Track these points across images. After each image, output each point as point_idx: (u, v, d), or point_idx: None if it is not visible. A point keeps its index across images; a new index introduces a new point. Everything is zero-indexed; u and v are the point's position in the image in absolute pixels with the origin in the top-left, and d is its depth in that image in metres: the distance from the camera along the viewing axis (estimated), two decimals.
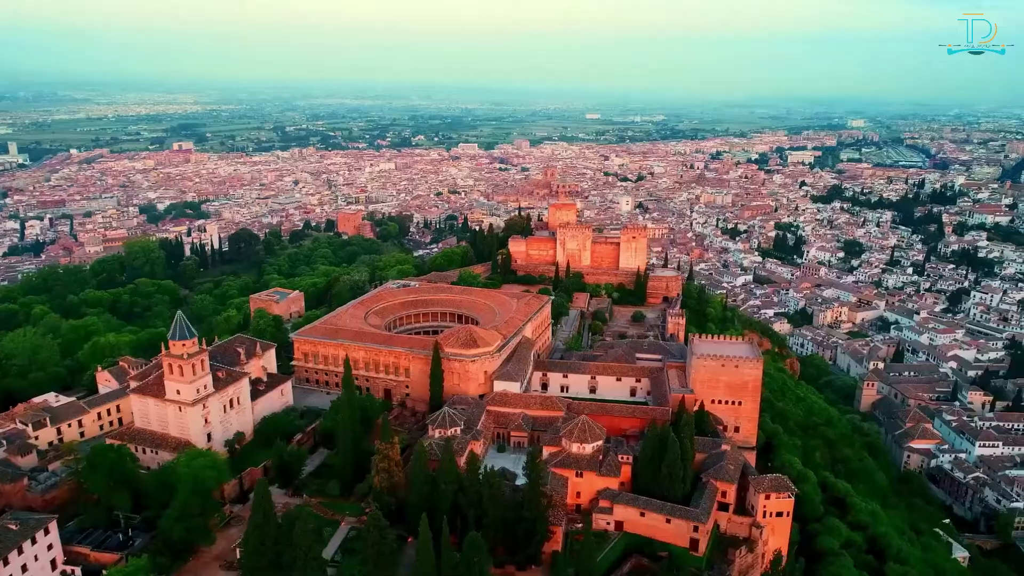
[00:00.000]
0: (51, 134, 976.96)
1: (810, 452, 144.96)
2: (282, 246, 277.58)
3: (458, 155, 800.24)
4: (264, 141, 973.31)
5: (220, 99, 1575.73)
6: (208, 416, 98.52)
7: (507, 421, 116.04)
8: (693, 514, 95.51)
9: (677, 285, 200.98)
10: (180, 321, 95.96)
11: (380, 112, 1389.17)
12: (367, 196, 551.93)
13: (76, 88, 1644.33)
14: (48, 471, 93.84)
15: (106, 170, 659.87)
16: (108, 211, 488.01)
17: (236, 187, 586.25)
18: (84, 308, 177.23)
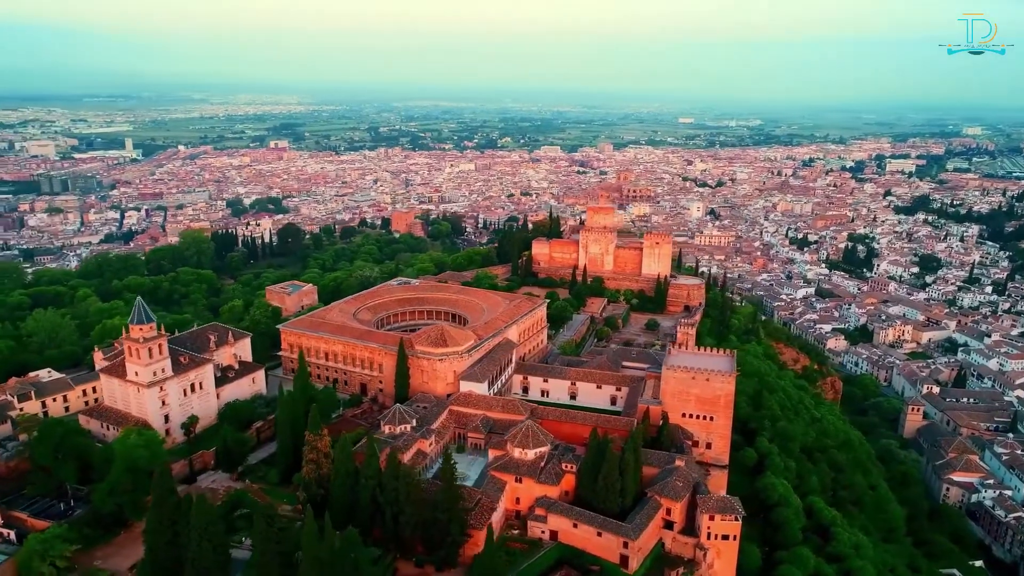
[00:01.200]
0: (166, 131, 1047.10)
1: (807, 476, 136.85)
2: (332, 241, 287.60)
3: (539, 157, 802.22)
4: (356, 141, 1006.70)
5: (322, 100, 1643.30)
6: (166, 399, 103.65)
7: (467, 422, 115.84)
8: (623, 529, 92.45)
9: (699, 294, 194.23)
10: (139, 306, 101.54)
11: (472, 114, 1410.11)
12: (440, 195, 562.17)
13: (194, 89, 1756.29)
14: (18, 441, 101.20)
15: (206, 166, 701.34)
16: (198, 204, 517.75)
17: (320, 184, 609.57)
18: (125, 293, 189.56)
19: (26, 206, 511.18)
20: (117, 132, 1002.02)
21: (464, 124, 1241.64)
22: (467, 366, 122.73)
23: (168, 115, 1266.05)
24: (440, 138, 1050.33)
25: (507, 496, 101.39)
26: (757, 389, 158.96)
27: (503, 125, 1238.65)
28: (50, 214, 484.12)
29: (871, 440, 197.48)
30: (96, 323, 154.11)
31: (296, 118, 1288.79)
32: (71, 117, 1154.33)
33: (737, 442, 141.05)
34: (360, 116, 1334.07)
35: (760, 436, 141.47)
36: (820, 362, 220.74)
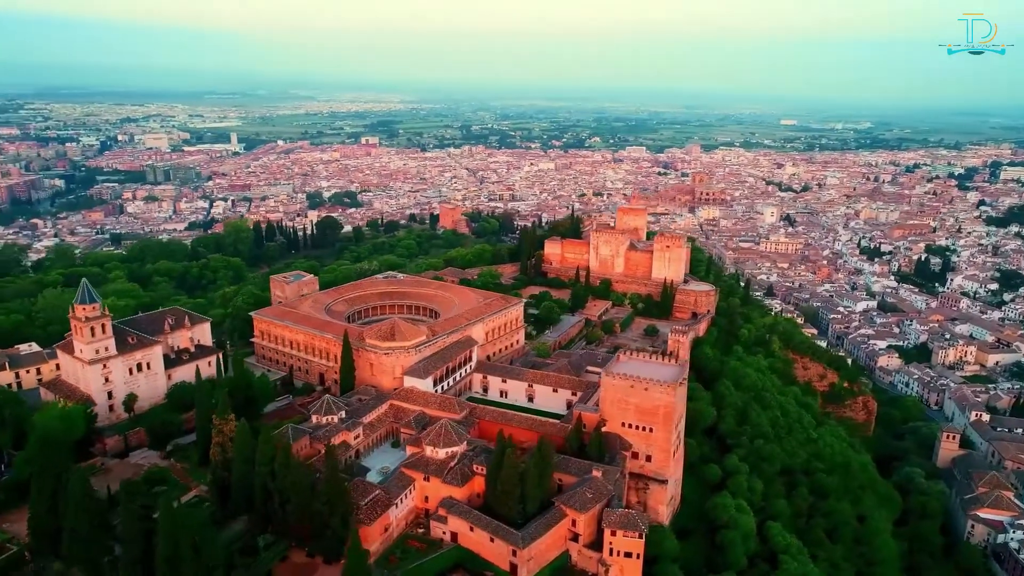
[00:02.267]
0: (271, 127, 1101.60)
1: (773, 499, 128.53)
2: (374, 235, 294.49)
3: (622, 158, 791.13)
4: (447, 138, 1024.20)
5: (422, 98, 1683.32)
6: (109, 376, 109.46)
7: (405, 417, 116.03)
8: (513, 537, 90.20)
9: (708, 301, 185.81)
10: (84, 287, 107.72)
11: (567, 114, 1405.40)
12: (512, 193, 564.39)
13: (303, 87, 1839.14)
14: None
15: (297, 160, 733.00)
16: (280, 196, 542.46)
17: (399, 180, 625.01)
18: (155, 276, 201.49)
19: (129, 194, 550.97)
20: (227, 127, 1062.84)
21: (556, 124, 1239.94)
22: (414, 361, 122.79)
23: (276, 111, 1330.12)
24: (529, 137, 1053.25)
25: (417, 494, 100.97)
26: (745, 404, 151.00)
27: (595, 125, 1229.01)
28: (147, 202, 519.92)
29: (896, 467, 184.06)
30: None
31: (395, 116, 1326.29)
32: (189, 113, 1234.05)
33: (710, 457, 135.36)
34: (456, 114, 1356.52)
35: (733, 453, 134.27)
36: (851, 380, 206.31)
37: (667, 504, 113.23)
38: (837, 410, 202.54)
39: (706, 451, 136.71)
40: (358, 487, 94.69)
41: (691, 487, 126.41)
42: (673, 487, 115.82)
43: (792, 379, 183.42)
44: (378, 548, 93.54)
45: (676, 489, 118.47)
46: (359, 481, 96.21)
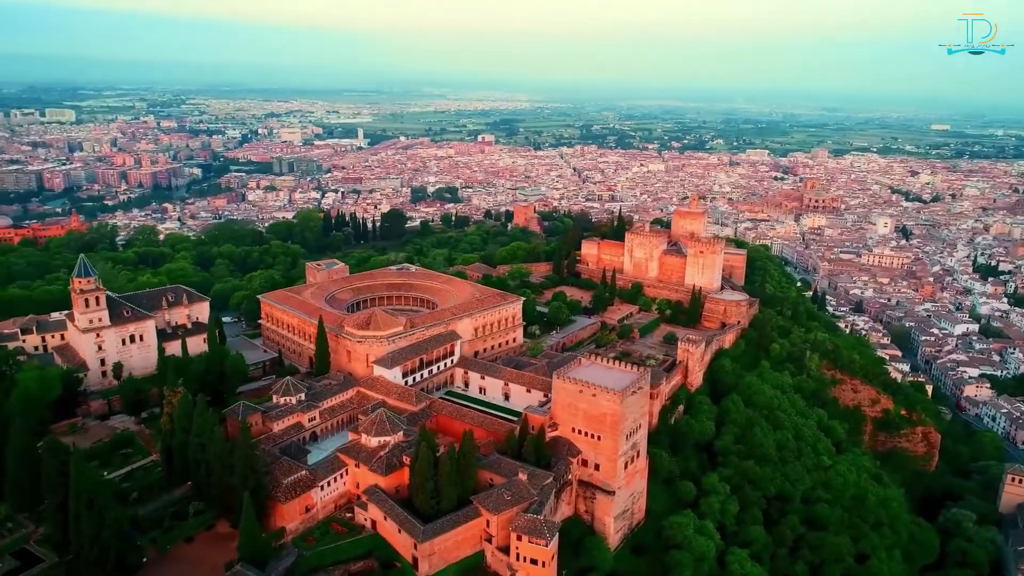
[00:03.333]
0: (399, 123, 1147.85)
1: (750, 524, 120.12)
2: (444, 229, 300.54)
3: (739, 161, 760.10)
4: (565, 137, 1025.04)
5: (548, 98, 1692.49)
6: (102, 344, 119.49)
7: (366, 404, 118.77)
8: (415, 530, 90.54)
9: (738, 312, 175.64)
10: (82, 262, 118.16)
11: (694, 115, 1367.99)
12: (612, 194, 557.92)
13: (435, 85, 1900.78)
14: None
15: (413, 155, 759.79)
16: (386, 190, 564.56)
17: (504, 177, 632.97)
18: (218, 259, 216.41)
19: (254, 183, 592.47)
20: (358, 123, 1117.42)
21: (681, 125, 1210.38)
22: (385, 351, 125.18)
23: (407, 108, 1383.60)
24: (649, 138, 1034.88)
25: (350, 479, 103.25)
26: (752, 422, 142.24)
27: (722, 127, 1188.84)
28: (266, 191, 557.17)
29: (947, 508, 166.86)
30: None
31: (519, 114, 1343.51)
32: (327, 109, 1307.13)
33: (695, 473, 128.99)
34: (580, 114, 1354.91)
35: (716, 472, 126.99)
36: (909, 407, 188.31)
37: (615, 516, 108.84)
38: (889, 439, 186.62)
39: (693, 466, 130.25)
40: (283, 466, 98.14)
41: (664, 502, 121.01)
42: (627, 500, 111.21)
43: (827, 400, 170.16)
44: (297, 527, 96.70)
45: (634, 502, 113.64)
46: (285, 460, 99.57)
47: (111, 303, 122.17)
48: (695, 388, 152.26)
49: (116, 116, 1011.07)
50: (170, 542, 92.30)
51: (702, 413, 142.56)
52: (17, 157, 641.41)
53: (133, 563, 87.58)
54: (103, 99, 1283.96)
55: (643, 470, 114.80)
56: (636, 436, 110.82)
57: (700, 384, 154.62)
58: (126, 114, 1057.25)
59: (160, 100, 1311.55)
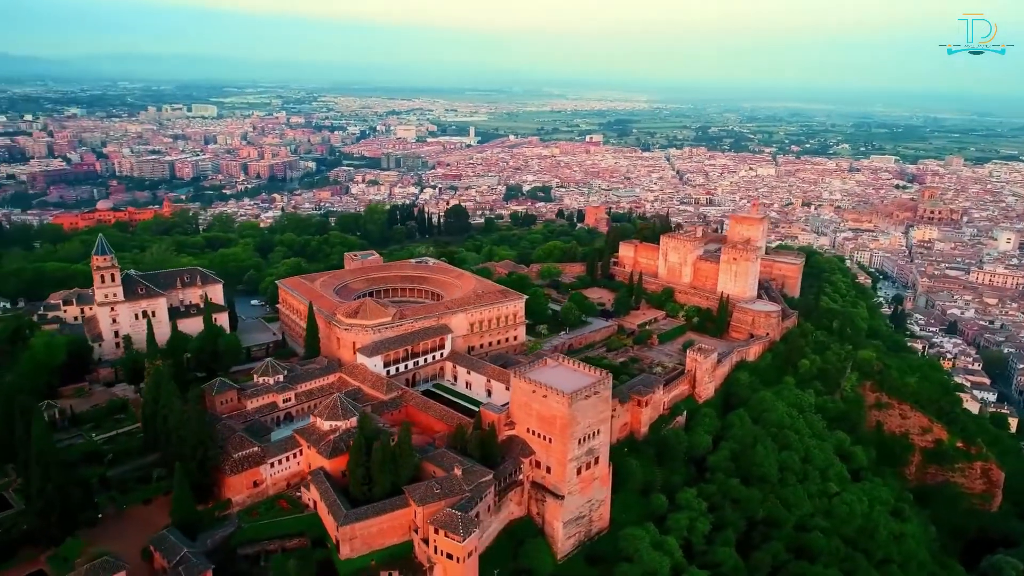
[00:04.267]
0: (513, 122, 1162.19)
1: (720, 545, 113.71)
2: (508, 227, 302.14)
3: (859, 167, 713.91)
4: (678, 139, 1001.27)
5: (669, 98, 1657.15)
6: (116, 318, 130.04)
7: (341, 390, 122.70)
8: (337, 514, 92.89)
9: (768, 323, 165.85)
10: (100, 241, 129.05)
11: (823, 118, 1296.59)
12: (709, 198, 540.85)
13: (557, 85, 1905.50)
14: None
15: (518, 154, 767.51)
16: (481, 187, 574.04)
17: (603, 177, 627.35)
18: (277, 247, 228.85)
19: (360, 177, 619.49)
20: (474, 121, 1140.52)
21: (807, 128, 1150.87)
22: (370, 340, 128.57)
23: (524, 108, 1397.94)
24: (768, 140, 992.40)
25: (304, 460, 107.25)
26: (755, 439, 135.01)
27: (852, 130, 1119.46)
28: (369, 185, 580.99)
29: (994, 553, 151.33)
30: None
31: (635, 115, 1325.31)
32: (446, 107, 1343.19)
33: (675, 487, 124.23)
34: (699, 115, 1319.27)
35: (694, 488, 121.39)
36: (969, 440, 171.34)
37: (565, 522, 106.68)
38: (940, 473, 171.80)
39: (677, 479, 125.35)
40: (235, 441, 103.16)
41: (635, 513, 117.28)
42: (581, 506, 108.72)
43: (857, 424, 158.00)
44: (244, 500, 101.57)
45: (592, 510, 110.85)
46: (239, 435, 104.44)
47: (129, 281, 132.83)
48: (704, 399, 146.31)
49: (252, 112, 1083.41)
50: (128, 503, 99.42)
51: (701, 426, 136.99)
52: (159, 148, 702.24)
53: (88, 518, 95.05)
54: (245, 96, 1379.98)
55: (604, 478, 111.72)
56: (593, 442, 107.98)
57: (711, 396, 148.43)
58: (262, 110, 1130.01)
59: (295, 97, 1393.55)
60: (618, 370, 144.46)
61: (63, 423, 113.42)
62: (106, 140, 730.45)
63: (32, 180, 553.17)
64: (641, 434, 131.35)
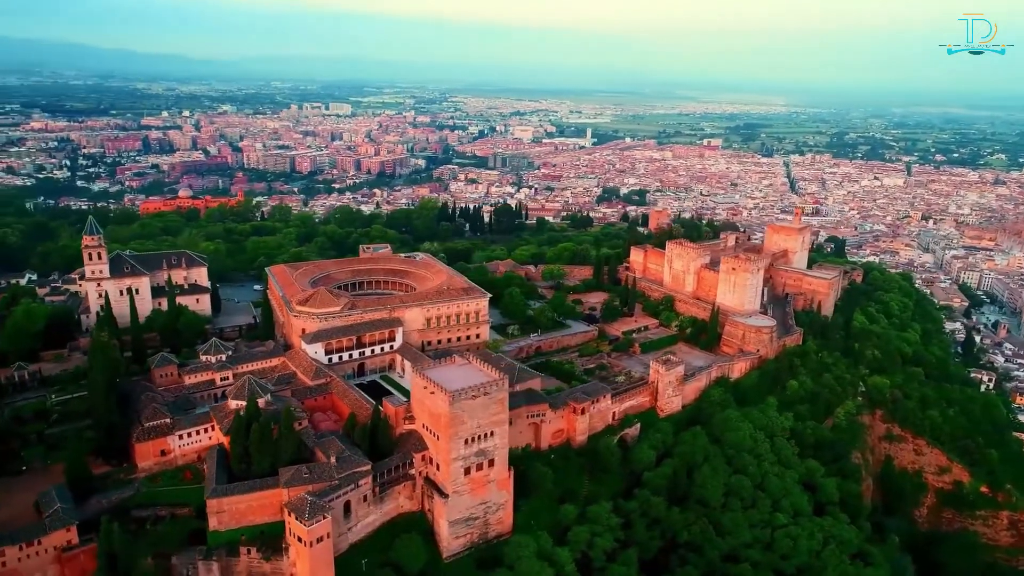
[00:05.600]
0: (635, 124, 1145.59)
1: (619, 563, 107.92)
2: (563, 228, 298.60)
3: (1006, 180, 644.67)
4: (808, 145, 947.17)
5: (809, 102, 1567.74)
6: (102, 292, 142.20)
7: (282, 372, 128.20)
8: (208, 489, 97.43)
9: (758, 339, 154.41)
10: (90, 222, 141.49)
11: (985, 124, 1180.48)
12: (816, 207, 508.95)
13: (690, 87, 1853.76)
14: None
15: (627, 156, 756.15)
16: (577, 188, 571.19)
17: (708, 182, 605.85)
18: (316, 238, 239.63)
19: (463, 175, 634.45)
20: (596, 123, 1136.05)
21: (961, 135, 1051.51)
22: (316, 328, 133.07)
23: (651, 110, 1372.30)
24: (912, 148, 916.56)
25: (215, 435, 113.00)
26: (705, 459, 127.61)
27: (1017, 139, 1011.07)
28: (467, 183, 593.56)
29: None
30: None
31: (767, 119, 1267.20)
32: (571, 108, 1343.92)
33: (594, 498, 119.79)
34: (840, 120, 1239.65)
35: (609, 502, 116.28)
36: (995, 485, 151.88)
37: (451, 521, 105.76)
38: (957, 519, 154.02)
39: (605, 491, 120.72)
40: (149, 412, 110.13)
41: (544, 522, 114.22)
42: (472, 507, 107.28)
43: (843, 455, 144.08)
44: (151, 467, 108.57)
45: (487, 513, 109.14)
46: (153, 407, 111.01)
47: (119, 260, 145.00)
48: (667, 413, 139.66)
49: (383, 111, 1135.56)
50: (53, 459, 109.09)
51: (647, 440, 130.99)
52: (288, 143, 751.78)
53: (13, 468, 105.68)
54: (382, 95, 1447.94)
55: (502, 481, 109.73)
56: (485, 444, 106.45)
57: (677, 410, 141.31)
58: (393, 109, 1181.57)
59: (427, 97, 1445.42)
60: (571, 375, 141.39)
61: (32, 383, 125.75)
62: (244, 135, 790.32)
63: (171, 169, 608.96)
64: (577, 442, 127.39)
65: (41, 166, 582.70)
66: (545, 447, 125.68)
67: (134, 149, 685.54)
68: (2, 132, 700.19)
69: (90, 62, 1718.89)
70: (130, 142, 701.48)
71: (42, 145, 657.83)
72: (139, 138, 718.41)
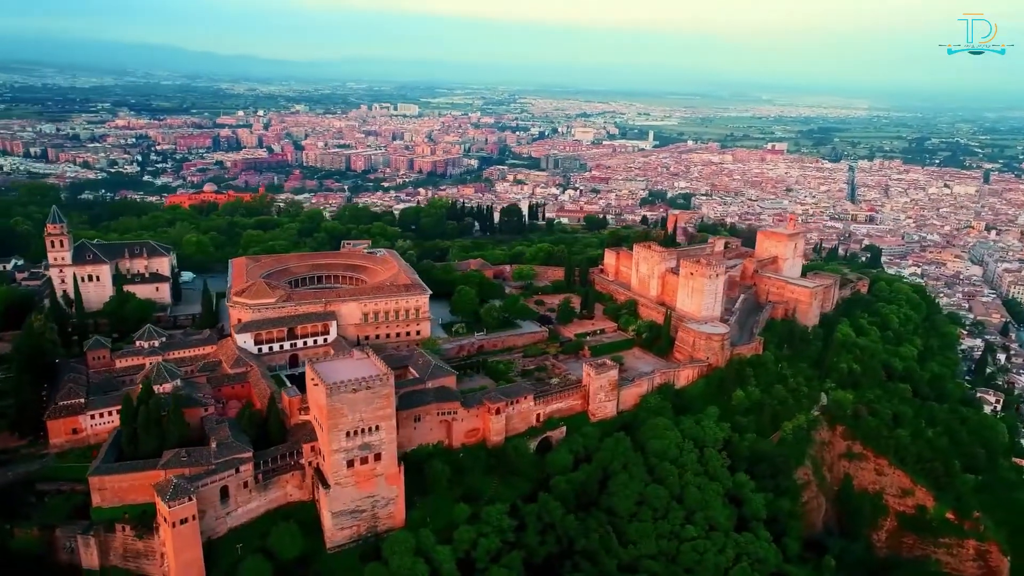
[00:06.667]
0: (703, 127, 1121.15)
1: (502, 565, 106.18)
2: (575, 229, 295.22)
3: None
4: (885, 150, 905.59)
5: (895, 105, 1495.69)
6: (65, 278, 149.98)
7: (212, 360, 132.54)
8: (91, 466, 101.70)
9: (709, 347, 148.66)
10: (53, 211, 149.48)
11: None
12: (870, 215, 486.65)
13: (769, 90, 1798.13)
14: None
15: (684, 160, 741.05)
16: (622, 191, 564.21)
17: (762, 187, 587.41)
18: (316, 234, 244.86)
19: (511, 176, 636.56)
20: (662, 126, 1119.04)
21: None
22: (249, 318, 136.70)
23: (722, 113, 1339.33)
24: (998, 156, 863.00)
25: None
26: (620, 467, 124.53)
27: None
28: (513, 184, 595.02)
29: None
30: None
31: (845, 123, 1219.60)
32: (640, 110, 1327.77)
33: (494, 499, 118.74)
34: (924, 124, 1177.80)
35: (503, 505, 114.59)
36: (963, 513, 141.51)
37: (335, 512, 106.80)
38: (919, 545, 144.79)
39: (510, 494, 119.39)
40: (64, 391, 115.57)
41: (442, 520, 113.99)
42: (357, 500, 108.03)
43: (783, 470, 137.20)
44: (63, 443, 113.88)
45: (374, 507, 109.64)
46: (71, 387, 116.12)
47: (83, 248, 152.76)
48: (599, 418, 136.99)
49: (449, 112, 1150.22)
50: None
51: (566, 444, 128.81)
52: (349, 142, 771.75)
53: None
54: (452, 96, 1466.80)
55: (391, 476, 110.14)
56: (370, 438, 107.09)
57: (612, 415, 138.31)
58: (460, 110, 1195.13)
59: (496, 99, 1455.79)
60: (503, 375, 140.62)
61: None
62: (309, 133, 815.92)
63: (232, 166, 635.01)
64: (493, 442, 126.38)
65: (115, 161, 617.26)
66: (458, 445, 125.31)
67: (203, 146, 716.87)
68: (88, 129, 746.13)
69: (179, 63, 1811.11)
70: (201, 139, 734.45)
71: (121, 141, 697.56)
72: (210, 136, 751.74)
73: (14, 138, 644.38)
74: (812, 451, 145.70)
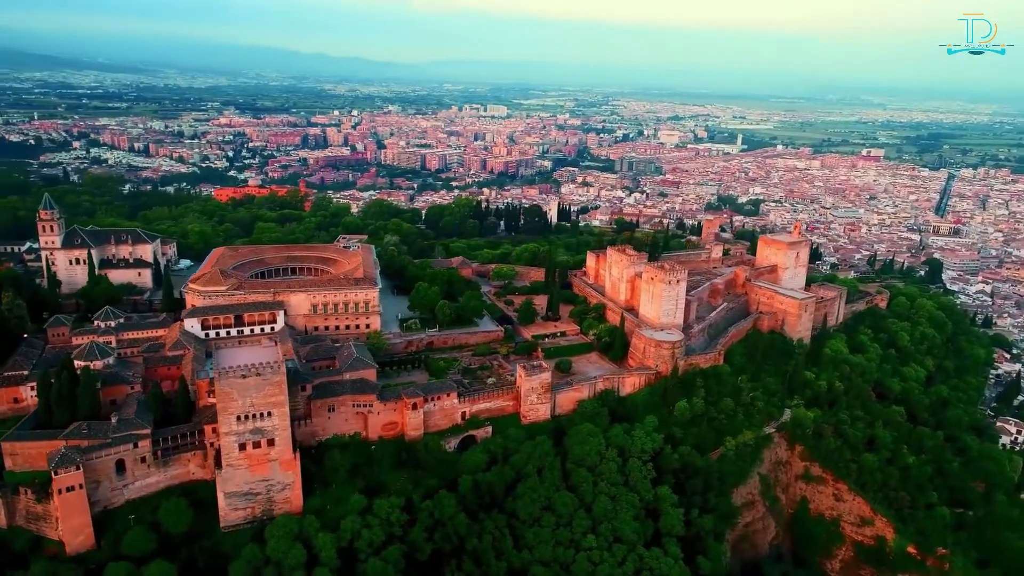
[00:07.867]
0: (800, 132, 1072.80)
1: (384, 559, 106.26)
2: (602, 231, 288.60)
3: None
4: (998, 159, 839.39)
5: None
6: (55, 261, 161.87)
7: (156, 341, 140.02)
8: (9, 433, 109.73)
9: (659, 355, 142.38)
10: (46, 199, 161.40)
11: None
12: (953, 227, 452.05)
13: (880, 93, 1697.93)
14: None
15: (766, 165, 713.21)
16: (689, 195, 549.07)
17: (847, 195, 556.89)
18: (332, 228, 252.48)
19: (581, 178, 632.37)
20: (757, 130, 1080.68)
21: None
22: (200, 304, 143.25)
23: (824, 117, 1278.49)
24: None
25: None
26: (534, 470, 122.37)
27: None
28: (580, 186, 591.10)
29: None
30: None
31: (961, 128, 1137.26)
32: (735, 113, 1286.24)
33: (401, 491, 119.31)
34: None
35: (397, 499, 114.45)
36: (926, 548, 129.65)
37: (227, 493, 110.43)
38: None
39: (411, 488, 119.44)
40: (12, 363, 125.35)
41: (342, 509, 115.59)
42: (251, 483, 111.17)
43: (717, 490, 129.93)
44: (5, 410, 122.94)
45: (270, 491, 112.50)
46: (19, 359, 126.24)
47: (73, 233, 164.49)
48: (531, 420, 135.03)
49: (538, 113, 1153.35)
50: None
51: (484, 445, 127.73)
52: (430, 142, 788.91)
53: None
54: (545, 98, 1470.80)
55: (286, 462, 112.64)
56: (262, 423, 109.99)
57: (545, 418, 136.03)
58: (550, 111, 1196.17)
59: (588, 100, 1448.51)
60: (441, 372, 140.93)
61: None
62: (394, 133, 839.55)
63: (314, 163, 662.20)
64: (410, 437, 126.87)
65: (207, 156, 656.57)
66: (375, 437, 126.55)
67: (292, 144, 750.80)
68: (193, 126, 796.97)
69: (292, 65, 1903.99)
70: (292, 137, 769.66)
71: (219, 138, 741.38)
72: (300, 134, 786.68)
73: (125, 134, 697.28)
74: (762, 470, 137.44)
